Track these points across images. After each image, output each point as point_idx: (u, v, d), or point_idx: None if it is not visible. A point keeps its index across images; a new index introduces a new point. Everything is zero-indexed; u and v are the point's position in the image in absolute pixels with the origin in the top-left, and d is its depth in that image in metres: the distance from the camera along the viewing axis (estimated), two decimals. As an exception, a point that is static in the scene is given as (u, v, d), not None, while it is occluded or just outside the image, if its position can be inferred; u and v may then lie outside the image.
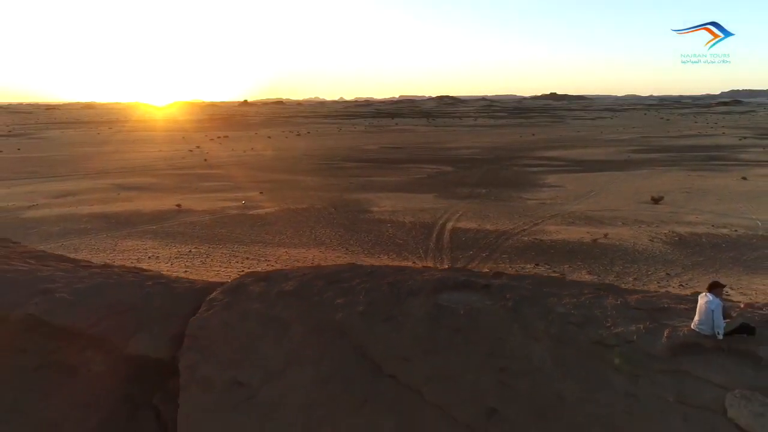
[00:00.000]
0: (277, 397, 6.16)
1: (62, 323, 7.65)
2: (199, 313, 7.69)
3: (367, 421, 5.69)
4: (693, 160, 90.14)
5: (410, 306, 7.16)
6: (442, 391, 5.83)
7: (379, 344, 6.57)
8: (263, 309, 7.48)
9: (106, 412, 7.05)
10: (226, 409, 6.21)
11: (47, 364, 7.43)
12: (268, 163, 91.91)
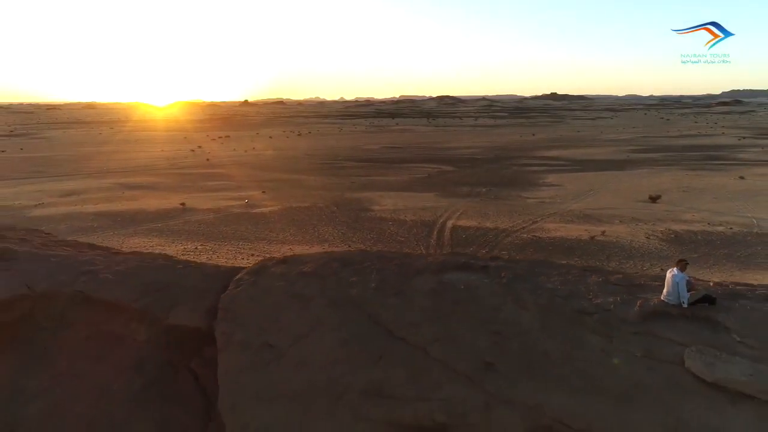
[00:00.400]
0: (304, 356, 7.20)
1: (108, 298, 8.67)
2: (228, 290, 8.71)
3: (382, 374, 6.72)
4: (691, 159, 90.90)
5: (416, 283, 8.18)
6: (445, 350, 6.87)
7: (390, 313, 7.61)
8: (286, 286, 8.50)
9: (150, 376, 8.06)
10: (259, 367, 7.22)
11: (96, 335, 8.44)
12: (269, 162, 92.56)
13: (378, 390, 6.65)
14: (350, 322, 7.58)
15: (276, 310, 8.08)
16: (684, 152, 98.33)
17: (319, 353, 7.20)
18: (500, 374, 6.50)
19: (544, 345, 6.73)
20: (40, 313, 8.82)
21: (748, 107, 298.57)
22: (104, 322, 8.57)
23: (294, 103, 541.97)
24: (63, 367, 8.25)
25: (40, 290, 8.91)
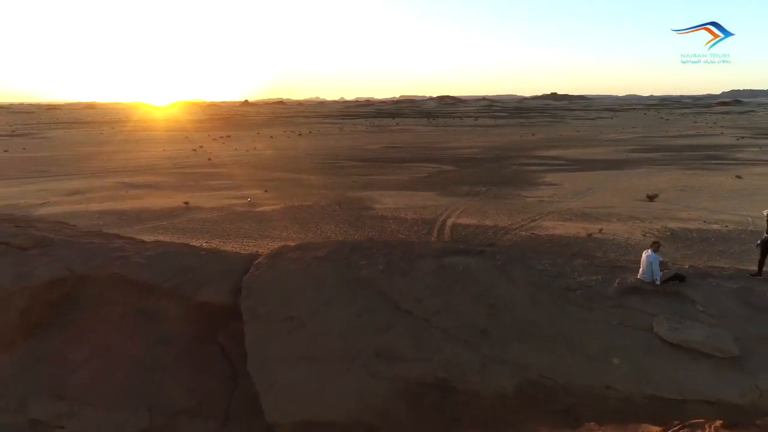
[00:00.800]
0: (321, 326, 8.19)
1: (141, 279, 9.65)
2: (250, 272, 9.70)
3: (391, 339, 7.72)
4: (690, 159, 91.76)
5: (420, 265, 9.18)
6: (445, 320, 7.87)
7: (396, 290, 8.62)
8: (302, 268, 9.50)
9: (180, 348, 9.03)
10: (283, 335, 8.20)
11: (130, 312, 9.41)
12: (271, 162, 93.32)
13: (387, 353, 7.67)
14: (361, 298, 8.59)
15: (294, 288, 9.08)
16: (682, 152, 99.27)
17: (335, 323, 8.20)
18: (494, 339, 7.51)
19: (533, 315, 7.73)
20: (79, 293, 9.80)
21: (747, 107, 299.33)
22: (137, 301, 9.55)
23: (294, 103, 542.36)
24: (102, 340, 9.21)
25: (79, 273, 9.89)
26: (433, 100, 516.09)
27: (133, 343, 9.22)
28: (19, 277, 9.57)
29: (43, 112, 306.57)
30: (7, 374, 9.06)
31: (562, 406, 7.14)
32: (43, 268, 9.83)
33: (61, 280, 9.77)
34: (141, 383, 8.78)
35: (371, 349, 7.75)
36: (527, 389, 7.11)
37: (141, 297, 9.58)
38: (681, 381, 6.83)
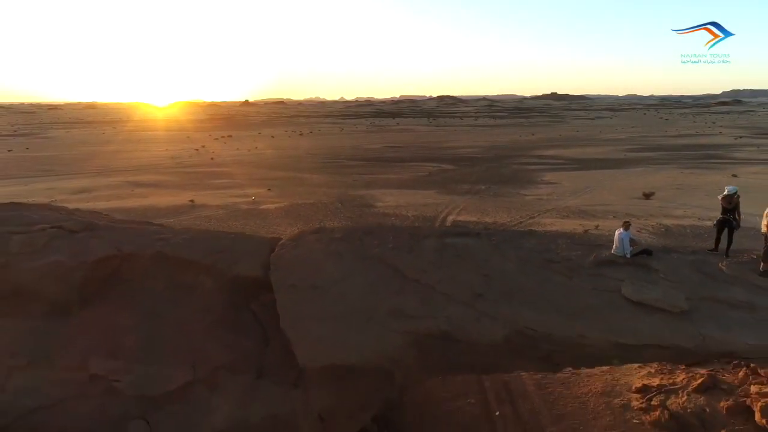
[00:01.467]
0: (342, 292, 9.71)
1: (181, 256, 11.14)
2: (276, 251, 11.22)
3: (401, 302, 9.25)
4: (687, 158, 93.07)
5: (425, 243, 10.70)
6: (447, 286, 9.39)
7: (405, 263, 10.16)
8: (322, 247, 11.01)
9: (218, 314, 10.52)
10: (309, 300, 9.71)
11: (173, 285, 10.88)
12: (273, 161, 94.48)
13: (399, 312, 9.19)
14: (375, 270, 10.12)
15: (317, 263, 10.60)
16: (680, 151, 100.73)
17: (353, 290, 9.72)
18: (488, 300, 9.03)
19: (521, 282, 9.24)
20: (126, 269, 11.29)
21: (747, 107, 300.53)
22: (178, 275, 11.04)
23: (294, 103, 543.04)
24: (148, 309, 10.69)
25: (126, 251, 11.38)
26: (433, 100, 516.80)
27: (176, 311, 10.72)
28: (76, 255, 11.06)
29: (43, 112, 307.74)
30: (67, 337, 10.56)
31: (544, 352, 8.68)
32: (95, 248, 11.33)
33: (111, 258, 11.26)
34: (184, 344, 10.27)
35: (385, 309, 9.28)
36: (514, 339, 8.63)
37: (181, 272, 11.08)
38: (640, 331, 8.36)
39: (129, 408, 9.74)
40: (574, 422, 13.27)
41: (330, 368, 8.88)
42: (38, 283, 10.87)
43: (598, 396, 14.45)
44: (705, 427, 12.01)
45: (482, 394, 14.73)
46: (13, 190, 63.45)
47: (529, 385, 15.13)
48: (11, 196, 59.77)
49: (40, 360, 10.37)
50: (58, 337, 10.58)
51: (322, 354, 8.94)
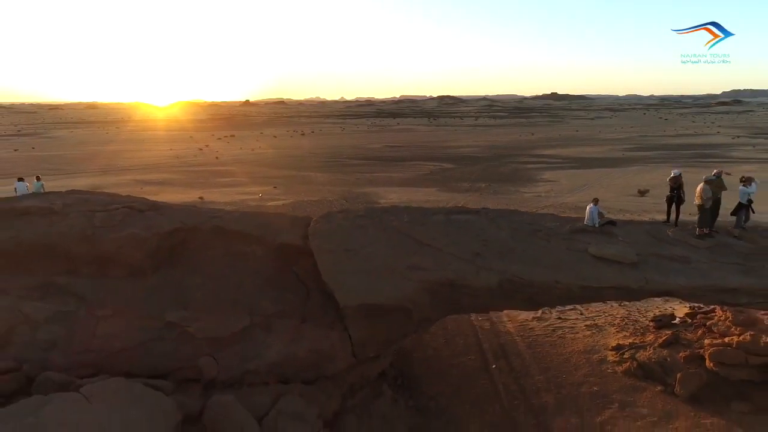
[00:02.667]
0: (370, 253, 12.40)
1: (235, 229, 13.80)
2: (312, 225, 13.99)
3: (417, 260, 11.97)
4: (684, 157, 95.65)
5: (433, 218, 13.39)
6: (452, 248, 12.09)
7: (418, 233, 12.91)
8: (349, 223, 13.71)
9: (267, 276, 13.17)
10: (344, 260, 12.42)
11: (228, 253, 13.55)
12: (276, 160, 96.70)
13: (415, 266, 11.92)
14: (394, 238, 12.86)
15: (346, 233, 13.31)
16: (677, 150, 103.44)
17: (378, 252, 12.46)
18: (485, 258, 11.74)
19: (511, 245, 11.95)
20: (190, 240, 13.95)
21: (747, 107, 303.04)
22: (233, 245, 13.70)
23: (295, 103, 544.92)
24: (209, 272, 13.34)
25: (190, 225, 14.03)
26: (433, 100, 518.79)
27: (233, 273, 13.38)
28: (148, 228, 13.72)
29: (45, 112, 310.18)
30: (144, 293, 13.22)
31: (527, 295, 11.40)
32: (162, 222, 13.98)
33: (177, 230, 13.92)
34: (242, 298, 12.94)
35: (404, 265, 11.99)
36: (505, 285, 11.35)
37: (236, 242, 13.74)
38: (601, 277, 11.08)
39: (199, 348, 12.40)
40: (558, 372, 15.95)
41: (363, 307, 11.56)
42: (118, 250, 13.53)
43: (579, 353, 17.14)
44: (665, 372, 14.73)
45: (481, 352, 17.42)
46: (24, 188, 66.01)
47: (521, 345, 17.83)
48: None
49: (123, 311, 13.02)
50: (137, 293, 13.25)
51: (357, 296, 11.63)
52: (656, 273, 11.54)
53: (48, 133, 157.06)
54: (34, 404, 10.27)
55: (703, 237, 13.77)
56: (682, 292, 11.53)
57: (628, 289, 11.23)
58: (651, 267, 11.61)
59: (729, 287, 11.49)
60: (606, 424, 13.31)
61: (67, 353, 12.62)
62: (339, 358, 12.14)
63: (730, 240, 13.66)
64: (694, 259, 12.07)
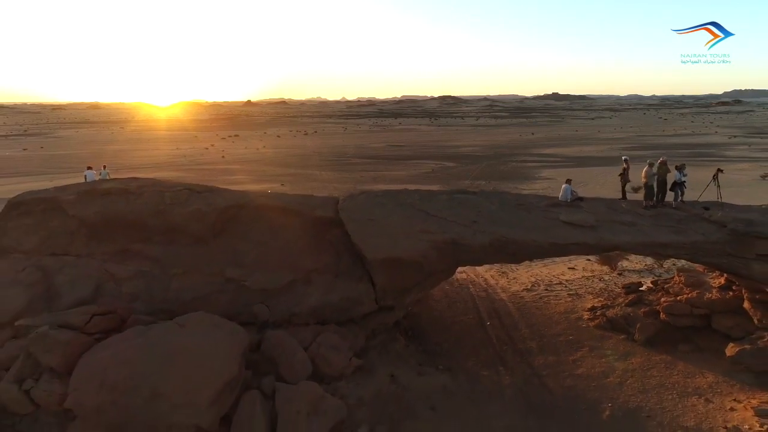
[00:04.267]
0: (388, 223, 16.02)
1: (278, 205, 17.38)
2: (340, 202, 17.61)
3: (426, 226, 15.64)
4: (679, 156, 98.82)
5: (440, 197, 17.01)
6: (454, 217, 15.75)
7: (428, 207, 16.63)
8: (370, 200, 17.30)
9: (306, 241, 16.72)
10: (369, 227, 16.02)
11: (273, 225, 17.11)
12: (282, 159, 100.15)
13: (425, 231, 15.55)
14: (408, 211, 16.51)
15: (369, 208, 16.92)
16: (673, 149, 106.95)
17: (396, 221, 16.09)
18: (479, 224, 15.38)
19: (500, 215, 15.56)
20: (241, 215, 17.45)
21: (747, 107, 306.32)
22: (277, 218, 17.25)
23: (296, 103, 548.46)
24: (258, 239, 16.88)
25: (241, 203, 17.56)
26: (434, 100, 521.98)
27: (278, 240, 16.90)
28: (208, 204, 17.24)
29: (48, 113, 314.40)
30: (207, 256, 16.77)
31: (511, 251, 15.01)
32: (218, 201, 17.53)
33: (231, 207, 17.45)
34: (287, 259, 16.50)
35: (417, 229, 15.62)
36: (494, 243, 14.93)
37: (279, 216, 17.30)
38: (566, 236, 14.69)
39: (253, 297, 15.91)
40: (541, 327, 19.50)
41: (386, 260, 15.12)
42: (185, 222, 17.06)
43: (560, 314, 20.68)
44: (628, 323, 18.29)
45: (477, 314, 20.96)
46: (38, 186, 69.41)
47: (512, 308, 21.36)
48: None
49: (191, 270, 16.54)
50: (201, 256, 16.79)
51: (380, 252, 15.20)
52: (609, 233, 15.10)
53: (54, 133, 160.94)
54: (140, 331, 13.79)
55: (648, 208, 17.44)
56: (627, 246, 15.14)
57: (587, 245, 14.81)
58: (605, 229, 15.17)
59: (661, 242, 15.08)
60: (577, 361, 16.81)
61: (147, 303, 16.11)
62: (365, 303, 15.68)
63: (669, 210, 17.35)
64: (638, 223, 15.64)
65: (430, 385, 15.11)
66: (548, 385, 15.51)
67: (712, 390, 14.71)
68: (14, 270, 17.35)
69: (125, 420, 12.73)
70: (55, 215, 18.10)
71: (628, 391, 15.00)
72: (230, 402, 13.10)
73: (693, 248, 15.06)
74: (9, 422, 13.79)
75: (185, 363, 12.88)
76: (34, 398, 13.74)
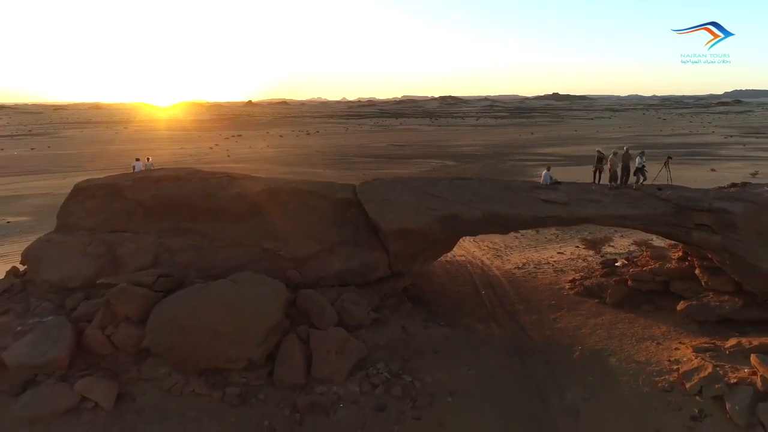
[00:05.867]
0: (401, 201, 19.72)
1: (306, 189, 20.95)
2: (358, 187, 21.25)
3: (430, 204, 19.28)
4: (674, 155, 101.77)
5: (441, 182, 20.66)
6: (454, 197, 19.43)
7: (432, 189, 20.39)
8: (384, 184, 20.96)
9: (329, 219, 20.32)
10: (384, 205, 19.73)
11: (301, 205, 20.63)
12: (286, 158, 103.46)
13: (430, 207, 19.21)
14: (416, 193, 20.17)
15: (383, 190, 20.58)
16: (669, 149, 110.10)
17: (406, 200, 19.75)
18: (474, 202, 18.97)
19: (491, 195, 19.18)
20: (275, 197, 21.03)
21: (746, 107, 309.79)
22: (304, 200, 20.81)
23: (297, 104, 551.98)
24: (290, 216, 20.46)
25: (273, 187, 21.08)
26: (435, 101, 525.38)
27: (305, 218, 20.49)
28: (246, 188, 20.87)
29: (50, 113, 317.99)
30: (246, 231, 20.30)
31: (501, 223, 18.63)
32: (255, 185, 21.10)
33: (265, 191, 21.08)
34: (314, 232, 20.10)
35: (423, 207, 19.25)
36: (486, 217, 18.57)
37: (306, 198, 20.90)
38: (545, 211, 18.31)
39: (287, 264, 19.44)
40: (528, 294, 23.08)
41: (398, 231, 18.75)
42: (228, 203, 20.65)
43: (545, 285, 24.26)
44: (601, 290, 21.89)
45: (474, 285, 24.51)
46: (55, 183, 73.20)
47: (504, 281, 24.92)
48: (55, 188, 69.10)
49: (234, 242, 20.07)
50: (242, 230, 20.37)
51: (393, 224, 18.84)
52: (579, 207, 18.74)
53: (59, 133, 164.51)
54: (200, 287, 17.32)
55: (613, 189, 21.05)
56: (593, 218, 18.73)
57: (561, 218, 18.43)
58: (576, 205, 18.81)
59: (620, 215, 18.69)
60: (556, 319, 20.37)
61: (198, 270, 19.63)
62: (380, 269, 19.29)
63: (629, 190, 21.00)
64: (603, 201, 19.28)
65: (433, 335, 18.64)
66: (531, 335, 19.06)
67: (663, 336, 18.21)
68: (82, 244, 20.89)
69: (192, 355, 16.25)
70: (115, 198, 21.65)
71: (596, 338, 18.52)
72: (274, 342, 16.62)
73: (645, 219, 18.64)
74: (95, 361, 17.24)
75: (239, 310, 16.40)
76: (114, 341, 17.26)
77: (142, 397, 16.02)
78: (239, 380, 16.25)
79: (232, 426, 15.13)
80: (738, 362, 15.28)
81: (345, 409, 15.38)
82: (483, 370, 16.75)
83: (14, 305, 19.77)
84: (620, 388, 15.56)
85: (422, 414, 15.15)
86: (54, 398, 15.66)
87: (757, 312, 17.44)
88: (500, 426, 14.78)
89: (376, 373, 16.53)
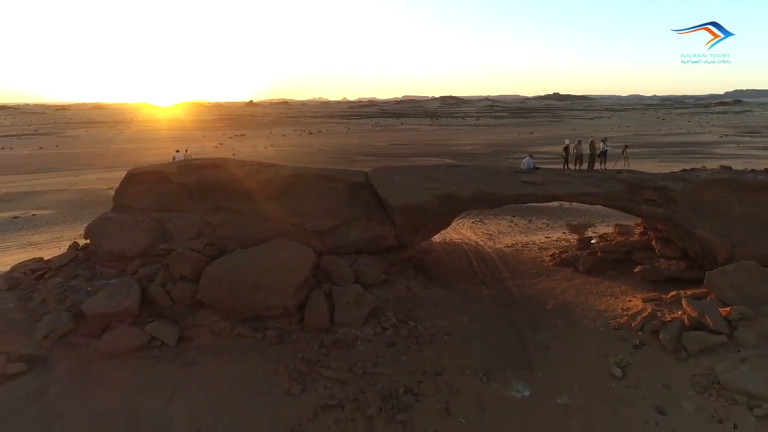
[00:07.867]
0: (405, 182, 24.29)
1: (326, 174, 25.33)
2: (369, 173, 25.69)
3: (431, 185, 23.82)
4: (669, 153, 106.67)
5: (441, 168, 24.95)
6: (450, 180, 23.94)
7: (432, 174, 25.02)
8: (391, 170, 25.32)
9: (346, 199, 24.75)
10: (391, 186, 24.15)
11: (321, 189, 24.97)
12: (290, 157, 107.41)
13: (430, 188, 23.78)
14: (418, 176, 24.68)
15: (391, 176, 25.08)
16: (664, 147, 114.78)
17: (410, 182, 24.41)
18: (466, 184, 23.51)
19: (481, 178, 23.67)
20: (300, 181, 25.32)
21: (746, 107, 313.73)
22: (324, 184, 25.14)
23: (298, 104, 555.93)
24: (313, 197, 24.82)
25: (298, 173, 25.42)
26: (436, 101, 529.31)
27: (325, 199, 24.83)
28: (275, 174, 25.17)
29: (52, 113, 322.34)
30: (276, 209, 24.63)
31: (488, 200, 23.07)
32: (282, 171, 25.46)
33: (291, 175, 25.40)
34: (333, 210, 24.43)
35: (424, 187, 23.69)
36: (476, 195, 23.05)
37: (326, 182, 25.24)
38: (524, 190, 22.82)
39: (311, 236, 23.74)
40: (514, 265, 27.43)
41: (403, 206, 23.17)
42: (259, 187, 24.97)
43: (529, 259, 28.57)
44: (575, 261, 26.25)
45: (468, 259, 28.81)
46: (68, 180, 77.50)
47: (494, 256, 29.23)
48: (70, 185, 73.16)
49: (266, 219, 24.35)
50: (272, 209, 24.69)
51: (399, 201, 23.33)
52: (552, 187, 23.24)
53: (64, 133, 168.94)
54: (242, 251, 21.58)
55: (581, 172, 25.44)
56: (563, 196, 23.14)
57: (537, 195, 22.97)
58: (550, 185, 23.29)
59: (585, 192, 23.16)
60: (536, 283, 24.73)
61: (236, 241, 23.93)
62: (388, 239, 23.72)
63: (594, 174, 25.43)
64: (572, 182, 23.77)
65: (433, 294, 22.98)
66: (514, 294, 23.40)
67: (622, 293, 22.52)
68: (136, 221, 25.18)
69: (237, 305, 20.53)
70: (163, 183, 25.95)
71: (567, 296, 22.84)
72: (304, 295, 20.92)
73: (606, 196, 23.05)
74: (157, 312, 21.48)
75: (276, 269, 20.71)
76: (172, 296, 21.54)
77: (199, 339, 20.29)
78: (276, 325, 20.54)
79: (273, 358, 19.36)
80: (674, 308, 19.57)
81: (362, 345, 19.63)
82: (474, 318, 21.02)
83: (81, 271, 24.09)
84: (582, 328, 19.82)
85: (424, 348, 19.42)
86: (129, 337, 19.96)
87: (697, 272, 21.67)
88: (485, 357, 19.02)
89: (386, 319, 20.82)
